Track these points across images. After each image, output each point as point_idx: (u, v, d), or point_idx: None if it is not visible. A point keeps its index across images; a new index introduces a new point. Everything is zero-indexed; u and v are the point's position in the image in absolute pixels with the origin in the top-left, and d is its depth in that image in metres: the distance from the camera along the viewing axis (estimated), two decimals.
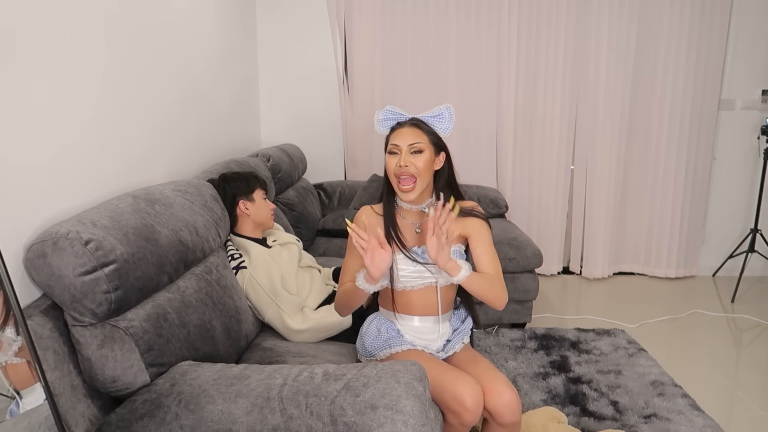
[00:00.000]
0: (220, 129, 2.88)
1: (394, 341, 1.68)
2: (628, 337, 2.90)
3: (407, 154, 1.59)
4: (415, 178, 1.59)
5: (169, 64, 2.22)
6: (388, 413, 1.19)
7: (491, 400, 1.56)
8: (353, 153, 3.83)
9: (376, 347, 1.70)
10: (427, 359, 1.61)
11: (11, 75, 1.31)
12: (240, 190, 2.01)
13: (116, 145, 1.80)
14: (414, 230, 1.68)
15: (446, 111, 1.63)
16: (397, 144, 1.62)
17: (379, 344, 1.70)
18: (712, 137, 3.82)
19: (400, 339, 1.68)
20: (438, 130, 1.64)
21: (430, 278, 1.65)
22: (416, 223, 1.68)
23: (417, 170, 1.58)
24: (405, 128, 1.63)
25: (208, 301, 1.65)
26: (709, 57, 3.71)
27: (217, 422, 1.23)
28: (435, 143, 1.63)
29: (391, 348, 1.68)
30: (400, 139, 1.61)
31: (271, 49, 3.73)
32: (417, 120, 1.65)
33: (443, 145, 1.66)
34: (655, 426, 2.11)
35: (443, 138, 1.67)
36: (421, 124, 1.63)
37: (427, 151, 1.60)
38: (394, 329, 1.70)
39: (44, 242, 1.27)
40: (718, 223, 4.01)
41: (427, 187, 1.65)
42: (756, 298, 3.58)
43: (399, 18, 3.66)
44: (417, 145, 1.59)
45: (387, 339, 1.69)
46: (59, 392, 1.26)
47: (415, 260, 1.62)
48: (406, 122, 1.65)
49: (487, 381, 1.58)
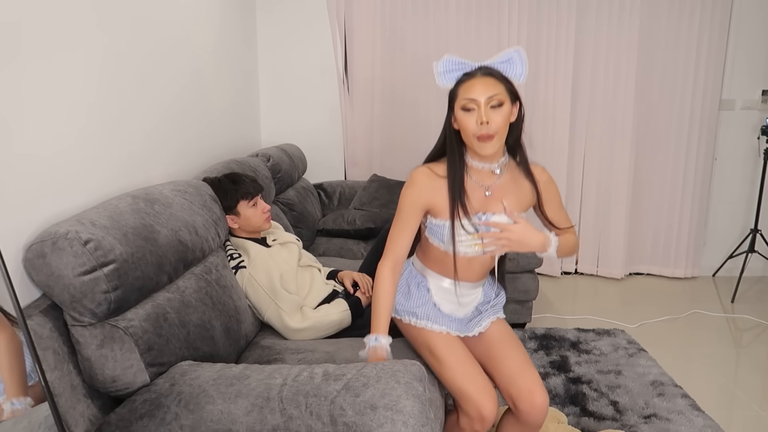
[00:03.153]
0: (220, 129, 2.88)
1: (432, 315, 1.59)
2: (628, 337, 2.90)
3: (487, 109, 1.40)
4: (494, 134, 1.42)
5: (168, 63, 2.22)
6: (388, 413, 1.19)
7: (522, 400, 1.53)
8: (353, 153, 3.83)
9: (404, 308, 1.62)
10: (455, 351, 1.54)
11: (8, 75, 1.31)
12: (223, 204, 1.96)
13: (115, 145, 1.80)
14: (483, 193, 1.52)
15: (516, 54, 1.44)
16: (473, 98, 1.41)
17: (409, 307, 1.61)
18: (713, 137, 3.82)
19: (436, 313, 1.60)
20: (511, 78, 1.45)
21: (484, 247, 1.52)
22: (485, 185, 1.52)
23: (497, 126, 1.41)
24: (478, 78, 1.43)
25: (208, 301, 1.65)
26: (709, 57, 3.71)
27: (216, 422, 1.23)
28: (511, 91, 1.44)
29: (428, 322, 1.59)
30: (475, 91, 1.41)
31: (271, 48, 3.73)
32: (489, 68, 1.45)
33: (518, 94, 1.47)
34: (655, 426, 2.11)
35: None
36: (495, 72, 1.44)
37: (507, 103, 1.43)
38: (424, 287, 1.62)
39: (43, 242, 1.27)
40: (718, 223, 4.01)
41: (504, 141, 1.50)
42: (756, 298, 3.58)
43: (399, 18, 3.66)
44: (497, 97, 1.40)
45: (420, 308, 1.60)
46: (59, 392, 1.26)
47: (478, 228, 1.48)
48: (476, 72, 1.45)
49: (520, 378, 1.54)
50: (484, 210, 1.52)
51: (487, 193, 1.53)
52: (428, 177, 1.52)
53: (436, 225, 1.54)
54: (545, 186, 1.59)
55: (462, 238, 1.51)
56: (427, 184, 1.51)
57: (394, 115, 3.77)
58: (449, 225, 1.50)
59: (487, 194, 1.53)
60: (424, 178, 1.52)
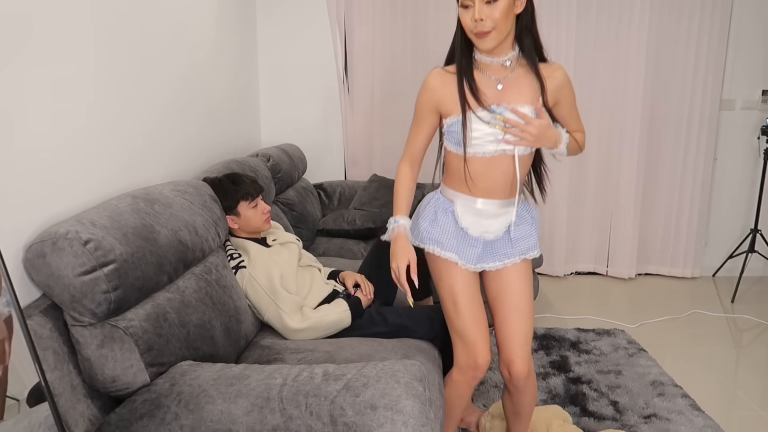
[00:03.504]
0: (220, 129, 2.88)
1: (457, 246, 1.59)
2: (628, 337, 2.90)
3: (481, 6, 1.41)
4: (491, 30, 1.42)
5: (168, 64, 2.22)
6: (388, 413, 1.19)
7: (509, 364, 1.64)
8: (353, 153, 3.83)
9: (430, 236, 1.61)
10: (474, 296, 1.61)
11: (6, 75, 1.31)
12: (223, 204, 1.96)
13: (116, 145, 1.80)
14: (495, 86, 1.52)
15: None
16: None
17: (435, 235, 1.60)
18: (713, 137, 3.82)
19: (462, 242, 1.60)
20: None
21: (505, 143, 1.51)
22: (498, 79, 1.52)
23: (494, 22, 1.41)
24: None
25: (208, 301, 1.65)
26: (709, 57, 3.71)
27: (216, 422, 1.23)
28: None
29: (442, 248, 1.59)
30: None
31: (271, 48, 3.73)
32: None
33: None
34: (655, 426, 2.11)
35: None
36: None
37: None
38: (451, 212, 1.60)
39: (43, 242, 1.27)
40: (718, 223, 4.00)
41: (508, 36, 1.48)
42: (756, 298, 3.58)
43: (399, 18, 3.66)
44: None
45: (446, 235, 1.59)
46: (59, 392, 1.26)
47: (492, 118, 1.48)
48: None
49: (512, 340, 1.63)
50: (499, 102, 1.51)
51: (499, 87, 1.52)
52: (440, 75, 1.55)
53: (450, 124, 1.54)
54: (558, 85, 1.56)
55: (476, 134, 1.50)
56: (439, 83, 1.55)
57: (394, 115, 3.77)
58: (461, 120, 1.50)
59: (499, 87, 1.52)
60: (436, 78, 1.55)
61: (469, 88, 1.50)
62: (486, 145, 1.52)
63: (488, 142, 1.51)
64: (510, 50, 1.52)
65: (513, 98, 1.51)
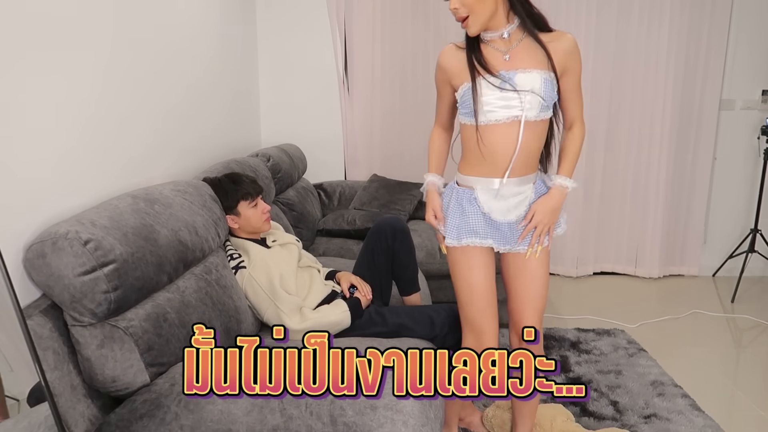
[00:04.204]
0: (219, 129, 2.88)
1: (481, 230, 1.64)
2: (628, 337, 2.90)
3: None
4: (467, 16, 1.52)
5: (169, 64, 2.22)
6: (388, 413, 1.19)
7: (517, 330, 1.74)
8: (353, 153, 3.83)
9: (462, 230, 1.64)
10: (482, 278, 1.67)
11: (11, 76, 1.31)
12: (223, 204, 1.97)
13: (117, 147, 1.80)
14: (502, 57, 1.58)
15: None
16: None
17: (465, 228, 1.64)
18: (712, 137, 3.82)
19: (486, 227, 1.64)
20: None
21: (517, 108, 1.55)
22: (503, 50, 1.58)
23: (468, 8, 1.51)
24: None
25: (208, 301, 1.65)
26: (709, 57, 3.71)
27: (216, 422, 1.23)
28: None
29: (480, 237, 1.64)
30: None
31: (271, 49, 3.73)
32: None
33: None
34: (655, 426, 2.11)
35: None
36: None
37: None
38: (473, 198, 1.63)
39: (43, 242, 1.27)
40: (718, 223, 4.00)
41: (498, 13, 1.54)
42: (756, 298, 3.58)
43: (399, 18, 3.66)
44: None
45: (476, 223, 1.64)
46: (59, 392, 1.26)
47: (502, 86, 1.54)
48: None
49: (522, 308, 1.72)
50: (508, 69, 1.57)
51: (506, 57, 1.58)
52: (450, 51, 1.65)
53: (462, 94, 1.60)
54: (566, 49, 1.59)
55: (487, 98, 1.55)
56: (450, 56, 1.64)
57: (394, 115, 3.78)
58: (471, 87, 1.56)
59: (506, 58, 1.58)
60: (447, 52, 1.65)
61: (476, 59, 1.57)
62: (498, 111, 1.56)
63: (499, 107, 1.55)
64: (505, 24, 1.57)
65: (522, 65, 1.57)
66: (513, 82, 1.54)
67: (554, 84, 1.58)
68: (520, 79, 1.54)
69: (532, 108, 1.55)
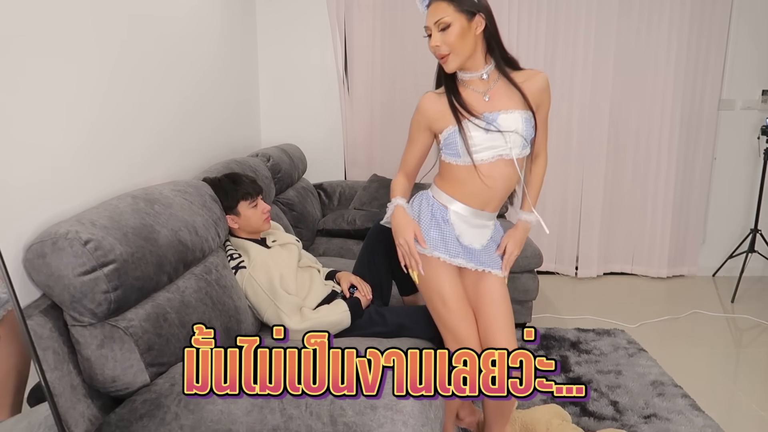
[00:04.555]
0: (219, 129, 2.88)
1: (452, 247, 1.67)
2: (628, 337, 2.90)
3: (436, 33, 1.57)
4: (448, 54, 1.57)
5: (170, 65, 2.22)
6: (387, 413, 1.19)
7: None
8: (353, 153, 3.83)
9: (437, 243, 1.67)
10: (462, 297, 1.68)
11: (12, 76, 1.31)
12: (223, 204, 1.97)
13: (117, 148, 1.80)
14: (482, 99, 1.63)
15: None
16: (427, 25, 1.61)
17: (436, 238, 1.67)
18: (712, 137, 3.82)
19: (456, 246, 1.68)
20: None
21: (502, 148, 1.60)
22: (483, 91, 1.64)
23: (449, 46, 1.56)
24: (433, 4, 1.60)
25: (208, 301, 1.65)
26: (709, 57, 3.71)
27: (216, 422, 1.23)
28: (465, 10, 1.56)
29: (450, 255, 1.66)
30: (428, 18, 1.61)
31: (271, 49, 3.73)
32: None
33: (477, 8, 1.57)
34: (655, 426, 2.11)
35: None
36: None
37: (456, 23, 1.55)
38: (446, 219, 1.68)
39: (44, 242, 1.27)
40: (718, 223, 4.00)
41: (476, 53, 1.60)
42: (756, 298, 3.58)
43: (399, 18, 3.66)
44: (443, 21, 1.56)
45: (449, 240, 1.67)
46: (59, 392, 1.26)
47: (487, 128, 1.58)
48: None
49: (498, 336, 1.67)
50: (491, 110, 1.61)
51: (486, 98, 1.63)
52: (430, 98, 1.67)
53: (446, 137, 1.63)
54: (539, 87, 1.65)
55: (475, 140, 1.59)
56: (429, 104, 1.65)
57: (394, 115, 3.77)
58: (458, 129, 1.59)
59: (485, 99, 1.63)
60: (427, 100, 1.67)
61: (458, 102, 1.61)
62: (484, 152, 1.61)
63: (486, 148, 1.60)
64: (484, 65, 1.63)
65: (502, 106, 1.62)
66: (497, 124, 1.59)
67: (532, 122, 1.64)
68: (503, 120, 1.59)
69: (516, 146, 1.61)
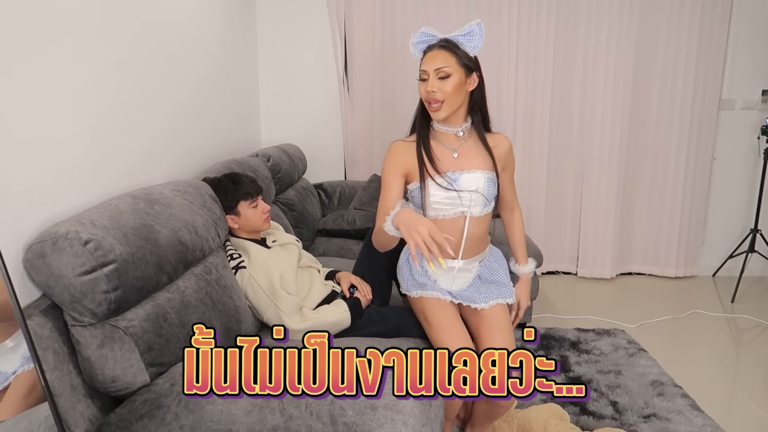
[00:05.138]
0: (219, 129, 2.88)
1: (428, 284, 1.75)
2: (628, 337, 2.90)
3: (434, 79, 1.58)
4: (442, 101, 1.59)
5: (170, 65, 2.22)
6: (388, 413, 1.19)
7: None
8: (353, 153, 3.83)
9: (410, 285, 1.79)
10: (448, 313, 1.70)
11: (12, 77, 1.31)
12: (223, 204, 1.97)
13: (117, 146, 1.80)
14: (451, 155, 1.67)
15: (477, 28, 1.57)
16: (425, 69, 1.60)
17: (412, 283, 1.77)
18: (712, 137, 3.82)
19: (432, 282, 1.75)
20: (467, 49, 1.59)
21: (463, 207, 1.64)
22: (453, 148, 1.67)
23: (444, 95, 1.58)
24: (434, 51, 1.60)
25: (208, 301, 1.65)
26: (709, 57, 3.71)
27: (216, 422, 1.23)
28: (464, 65, 1.59)
29: (424, 290, 1.75)
30: (428, 63, 1.60)
31: (271, 49, 3.73)
32: (446, 42, 1.60)
33: (475, 66, 1.62)
34: (654, 426, 2.11)
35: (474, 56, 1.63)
36: (450, 46, 1.59)
37: (456, 75, 1.58)
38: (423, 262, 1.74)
39: (44, 242, 1.27)
40: (718, 223, 4.01)
41: (461, 108, 1.64)
42: (756, 298, 3.58)
43: (399, 18, 3.66)
44: (444, 69, 1.57)
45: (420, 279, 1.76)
46: (59, 392, 1.26)
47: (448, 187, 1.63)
48: (435, 45, 1.61)
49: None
50: (455, 169, 1.66)
51: (455, 155, 1.67)
52: (402, 145, 1.69)
53: (412, 191, 1.68)
54: (505, 152, 1.74)
55: (434, 198, 1.64)
56: (402, 150, 1.67)
57: (394, 115, 3.77)
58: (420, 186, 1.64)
59: (455, 156, 1.67)
60: (399, 146, 1.69)
61: (427, 157, 1.64)
62: (444, 209, 1.66)
63: (446, 206, 1.66)
64: (463, 122, 1.68)
65: (467, 165, 1.67)
66: (458, 184, 1.64)
67: (495, 182, 1.70)
68: (465, 180, 1.64)
69: (476, 205, 1.66)
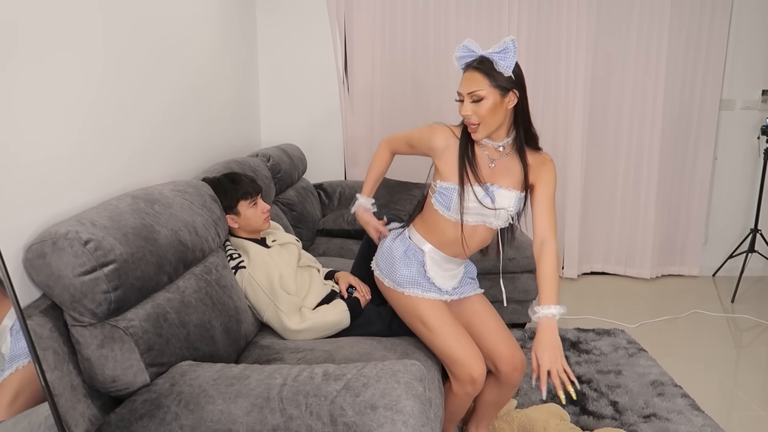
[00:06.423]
0: (220, 129, 2.88)
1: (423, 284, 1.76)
2: (628, 337, 2.90)
3: (467, 103, 1.58)
4: (478, 124, 1.60)
5: (168, 63, 2.22)
6: (388, 413, 1.19)
7: (505, 363, 1.77)
8: (353, 153, 3.83)
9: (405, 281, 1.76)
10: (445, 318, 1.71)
11: (10, 74, 1.31)
12: (223, 204, 1.97)
13: (116, 146, 1.80)
14: (488, 164, 1.68)
15: (511, 44, 1.54)
16: (459, 92, 1.62)
17: (408, 279, 1.76)
18: (712, 137, 3.82)
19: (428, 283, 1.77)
20: (502, 69, 1.55)
21: (489, 218, 1.68)
22: (492, 158, 1.68)
23: (480, 118, 1.58)
24: (469, 72, 1.59)
25: (208, 301, 1.65)
26: (709, 57, 3.71)
27: (216, 422, 1.23)
28: (499, 86, 1.56)
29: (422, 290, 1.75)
30: (463, 86, 1.60)
31: (271, 49, 3.73)
32: (481, 62, 1.57)
33: (510, 85, 1.57)
34: (654, 426, 2.11)
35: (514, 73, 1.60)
36: (484, 68, 1.56)
37: (490, 97, 1.56)
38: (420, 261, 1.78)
39: (43, 242, 1.27)
40: (718, 223, 4.01)
41: (503, 125, 1.63)
42: (756, 298, 3.58)
43: (399, 18, 3.67)
44: (476, 93, 1.56)
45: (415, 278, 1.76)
46: (59, 392, 1.26)
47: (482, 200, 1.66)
48: (471, 64, 1.59)
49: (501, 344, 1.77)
50: (491, 181, 1.68)
51: (491, 165, 1.69)
52: (446, 132, 1.70)
53: (445, 189, 1.68)
54: (542, 175, 1.69)
55: (470, 205, 1.66)
56: (445, 136, 1.70)
57: (394, 116, 3.78)
58: (459, 191, 1.65)
59: (491, 166, 1.69)
60: (443, 131, 1.71)
61: (468, 164, 1.65)
62: (473, 216, 1.69)
63: (476, 214, 1.68)
64: (505, 137, 1.67)
65: (501, 180, 1.68)
66: (494, 198, 1.66)
67: (523, 201, 1.71)
68: (500, 196, 1.66)
69: (501, 219, 1.69)
